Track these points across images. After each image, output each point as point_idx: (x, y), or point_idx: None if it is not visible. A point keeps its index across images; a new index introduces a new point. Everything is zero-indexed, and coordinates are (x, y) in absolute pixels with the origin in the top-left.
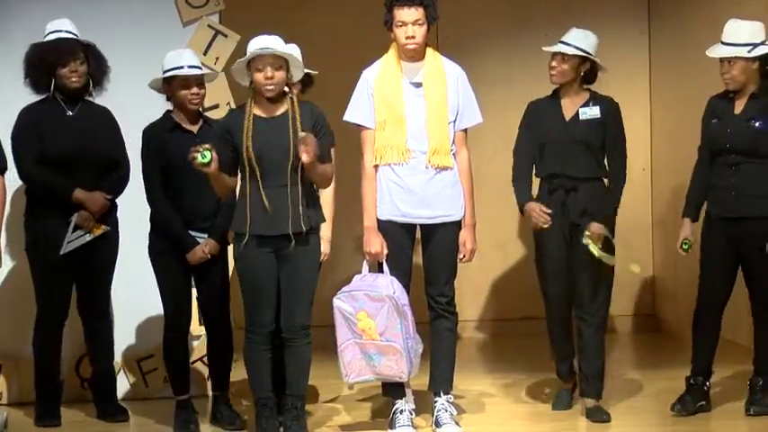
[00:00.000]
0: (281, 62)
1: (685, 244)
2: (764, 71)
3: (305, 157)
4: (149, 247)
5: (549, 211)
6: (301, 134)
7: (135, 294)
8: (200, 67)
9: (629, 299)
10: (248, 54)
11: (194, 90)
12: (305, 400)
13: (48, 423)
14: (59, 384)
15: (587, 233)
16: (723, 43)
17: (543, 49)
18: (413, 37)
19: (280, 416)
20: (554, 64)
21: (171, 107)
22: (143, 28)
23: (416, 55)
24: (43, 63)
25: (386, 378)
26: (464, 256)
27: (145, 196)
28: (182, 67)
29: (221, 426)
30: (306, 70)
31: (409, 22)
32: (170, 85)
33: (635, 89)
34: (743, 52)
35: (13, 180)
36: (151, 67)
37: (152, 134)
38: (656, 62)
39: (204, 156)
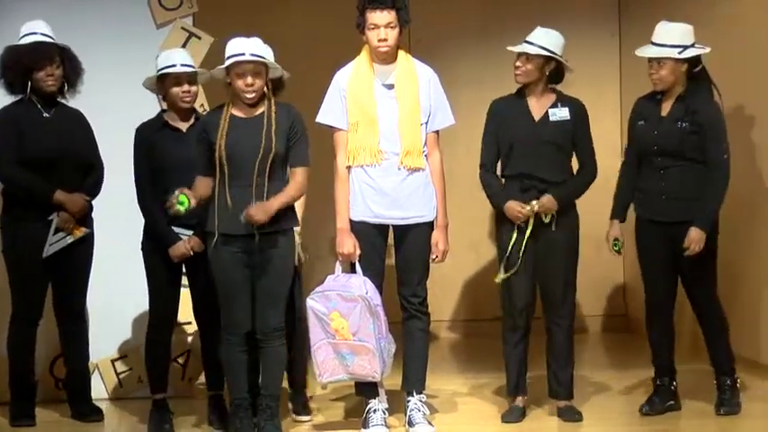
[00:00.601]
0: (261, 68)
1: (615, 245)
2: (692, 74)
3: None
4: (141, 245)
5: (528, 208)
6: (241, 217)
7: (110, 295)
8: (192, 66)
9: (600, 299)
10: (227, 60)
11: (185, 87)
12: (279, 400)
13: (22, 423)
14: (34, 384)
15: (536, 203)
16: (653, 44)
17: (508, 48)
18: (385, 39)
19: (254, 416)
20: (518, 64)
21: (163, 107)
22: (116, 30)
23: (388, 57)
24: (20, 66)
25: (359, 378)
26: (436, 257)
27: (122, 197)
28: (174, 65)
29: (216, 428)
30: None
31: (381, 25)
32: (163, 84)
33: (605, 91)
34: (673, 53)
35: None
36: (125, 68)
37: (143, 134)
38: (627, 64)
39: (182, 202)
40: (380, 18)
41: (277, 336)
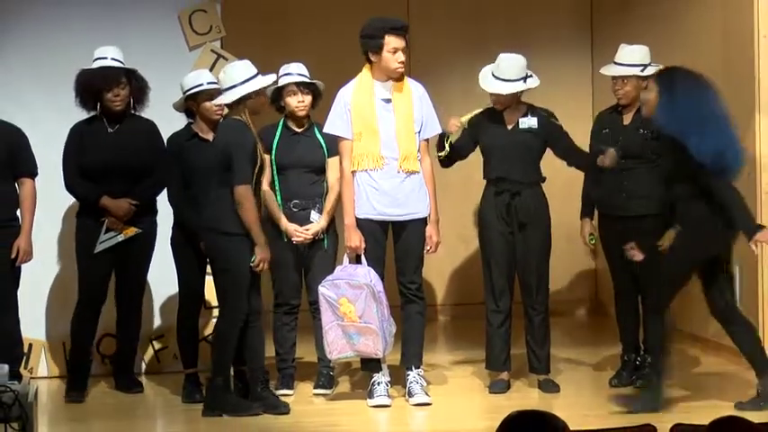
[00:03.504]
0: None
1: (592, 239)
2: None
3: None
4: (171, 238)
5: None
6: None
7: (151, 281)
8: (216, 83)
9: (573, 283)
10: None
11: (217, 101)
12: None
13: (76, 393)
14: (90, 361)
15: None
16: (616, 64)
17: (483, 87)
18: (403, 61)
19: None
20: (493, 97)
21: (191, 122)
22: (155, 50)
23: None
24: (92, 88)
25: (364, 354)
26: (430, 248)
27: (161, 197)
28: (201, 84)
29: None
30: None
31: (400, 49)
32: (194, 101)
33: (580, 107)
34: (636, 71)
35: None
36: (163, 85)
37: (174, 143)
38: (598, 80)
39: None
40: (401, 42)
41: (260, 315)
